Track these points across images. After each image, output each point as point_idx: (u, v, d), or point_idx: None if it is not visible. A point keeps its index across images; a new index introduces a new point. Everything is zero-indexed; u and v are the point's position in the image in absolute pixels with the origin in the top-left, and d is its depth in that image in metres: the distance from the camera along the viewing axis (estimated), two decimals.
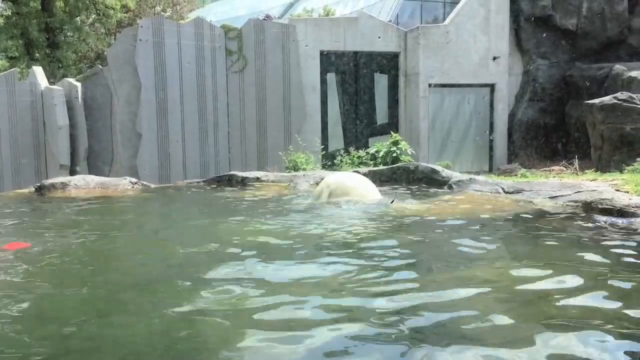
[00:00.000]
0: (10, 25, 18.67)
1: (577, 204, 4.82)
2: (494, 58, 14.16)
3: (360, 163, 10.96)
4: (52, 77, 16.11)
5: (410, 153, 10.85)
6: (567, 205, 4.91)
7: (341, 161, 11.62)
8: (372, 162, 10.81)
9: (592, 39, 15.01)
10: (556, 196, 5.18)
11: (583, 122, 12.59)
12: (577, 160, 11.83)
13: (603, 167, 10.81)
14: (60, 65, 18.74)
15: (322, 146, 13.18)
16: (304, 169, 10.27)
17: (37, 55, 18.93)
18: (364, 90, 14.29)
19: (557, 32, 15.04)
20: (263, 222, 4.72)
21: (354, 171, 7.40)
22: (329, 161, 12.90)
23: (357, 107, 14.27)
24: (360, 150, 11.73)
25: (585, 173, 9.99)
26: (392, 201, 5.35)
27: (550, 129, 14.87)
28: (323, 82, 13.84)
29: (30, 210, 6.21)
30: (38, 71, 12.85)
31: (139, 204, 6.71)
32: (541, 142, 14.77)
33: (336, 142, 14.00)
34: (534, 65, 14.97)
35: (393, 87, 14.52)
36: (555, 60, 15.09)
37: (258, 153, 13.32)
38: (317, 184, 6.90)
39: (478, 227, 4.34)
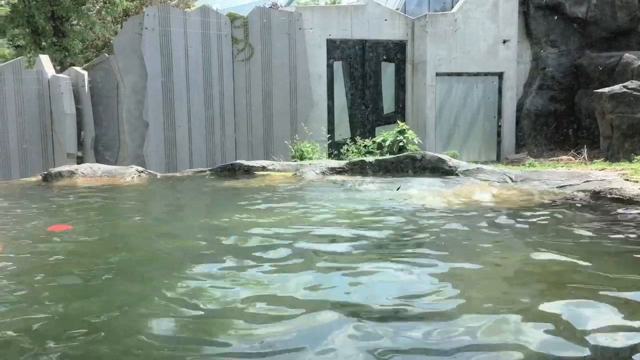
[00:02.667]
0: (16, 13, 18.63)
1: (586, 193, 4.78)
2: (504, 41, 14.00)
3: (367, 152, 10.90)
4: (58, 66, 16.09)
5: (416, 142, 10.77)
6: (576, 194, 4.86)
7: (347, 150, 11.57)
8: (378, 151, 10.75)
9: (602, 28, 14.79)
10: (565, 185, 5.14)
11: (592, 111, 12.46)
12: (585, 150, 11.74)
13: (612, 156, 10.71)
14: (67, 53, 18.71)
15: (329, 135, 13.13)
16: (310, 158, 10.23)
17: (43, 43, 18.90)
18: (370, 78, 14.19)
19: (567, 20, 14.83)
20: (264, 210, 4.71)
21: (360, 160, 7.37)
22: (336, 150, 12.85)
23: (363, 96, 14.18)
24: (366, 139, 11.67)
25: (594, 162, 9.90)
26: (398, 188, 5.44)
27: (559, 118, 14.72)
28: (330, 70, 13.75)
29: (44, 198, 6.24)
30: (45, 59, 12.84)
31: (144, 194, 6.71)
32: (550, 131, 14.62)
33: (343, 131, 13.93)
34: (543, 54, 14.80)
35: (400, 76, 14.41)
36: (565, 48, 14.90)
37: (264, 142, 13.29)
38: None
39: (488, 215, 4.31)
